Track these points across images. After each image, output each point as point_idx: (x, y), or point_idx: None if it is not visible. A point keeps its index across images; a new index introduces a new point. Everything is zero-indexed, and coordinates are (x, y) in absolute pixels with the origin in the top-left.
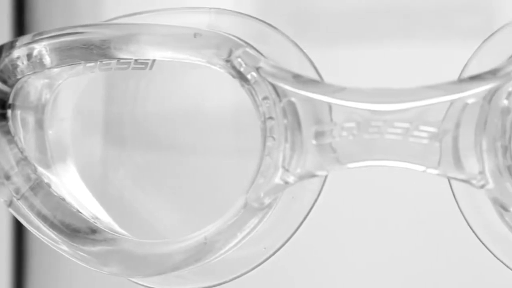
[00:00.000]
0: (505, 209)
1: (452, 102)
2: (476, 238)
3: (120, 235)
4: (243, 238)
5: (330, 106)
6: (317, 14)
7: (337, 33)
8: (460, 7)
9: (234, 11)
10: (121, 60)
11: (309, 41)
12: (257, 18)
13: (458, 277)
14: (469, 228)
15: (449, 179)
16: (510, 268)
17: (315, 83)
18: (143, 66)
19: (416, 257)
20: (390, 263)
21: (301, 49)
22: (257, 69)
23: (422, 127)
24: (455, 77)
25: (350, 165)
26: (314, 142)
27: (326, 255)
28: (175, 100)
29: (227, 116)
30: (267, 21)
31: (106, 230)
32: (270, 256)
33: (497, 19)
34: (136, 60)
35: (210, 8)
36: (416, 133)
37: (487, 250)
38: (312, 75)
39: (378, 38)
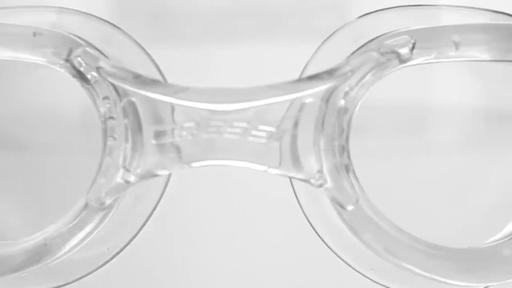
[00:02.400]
0: (343, 207)
1: (292, 102)
2: (317, 236)
3: None
4: (84, 238)
5: (172, 106)
6: (170, 14)
7: (192, 33)
8: (313, 8)
9: (79, 11)
10: None
11: (162, 42)
12: (101, 19)
13: (301, 275)
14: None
15: (290, 178)
16: (349, 265)
17: (156, 83)
18: None
19: (260, 255)
20: (234, 260)
21: (144, 50)
22: (97, 69)
23: (261, 127)
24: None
25: (193, 165)
26: (153, 141)
27: (170, 254)
28: (19, 100)
29: (73, 116)
30: (122, 21)
31: None
32: (113, 257)
33: (347, 19)
34: None
35: (54, 7)
36: (255, 132)
37: (329, 249)
38: (156, 75)
39: (230, 38)
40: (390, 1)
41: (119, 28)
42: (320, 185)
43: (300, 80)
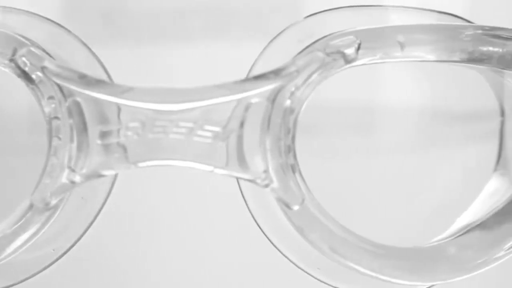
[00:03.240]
0: (289, 207)
1: (238, 102)
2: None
3: None
4: (29, 239)
5: (118, 106)
6: (120, 14)
7: (141, 33)
8: (264, 8)
9: (24, 11)
10: None
11: (112, 42)
12: (47, 18)
13: (248, 275)
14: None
15: (237, 179)
16: (296, 265)
17: (101, 83)
18: None
19: (207, 256)
20: (182, 261)
21: (91, 50)
22: (42, 69)
23: (207, 127)
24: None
25: (139, 165)
26: (99, 142)
27: (117, 255)
28: None
29: (18, 116)
30: (72, 21)
31: None
32: (59, 257)
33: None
34: None
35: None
36: (200, 132)
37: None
38: (102, 75)
39: (180, 38)
40: (340, 2)
41: (65, 28)
42: (266, 185)
43: (246, 80)
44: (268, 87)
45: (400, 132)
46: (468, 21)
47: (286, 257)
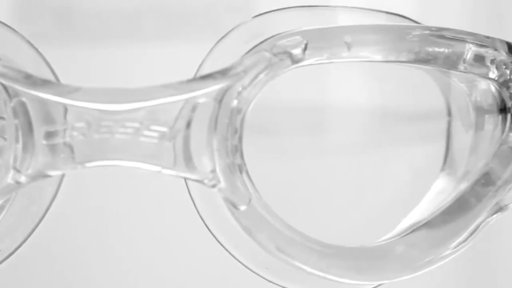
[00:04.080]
0: (236, 207)
1: (186, 102)
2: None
3: None
4: None
5: (65, 106)
6: (71, 14)
7: (91, 33)
8: (217, 8)
9: None
10: None
11: (62, 42)
12: None
13: (197, 275)
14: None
15: (185, 179)
16: (244, 265)
17: (47, 83)
18: None
19: (155, 255)
20: (130, 260)
21: (37, 50)
22: None
23: (153, 127)
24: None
25: (86, 165)
26: (44, 142)
27: (64, 255)
28: None
29: None
30: (22, 21)
31: None
32: (5, 259)
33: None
34: None
35: None
36: (147, 133)
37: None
38: (48, 75)
39: (130, 38)
40: (292, 2)
41: (11, 28)
42: (214, 186)
43: (193, 80)
44: (215, 87)
45: (348, 132)
46: (416, 22)
47: (234, 257)
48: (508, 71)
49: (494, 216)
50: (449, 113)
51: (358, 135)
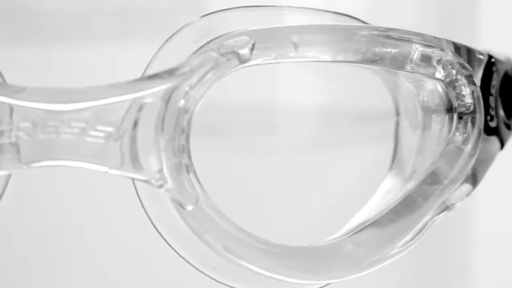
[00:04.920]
0: (183, 207)
1: (132, 102)
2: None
3: None
4: None
5: (11, 106)
6: (21, 14)
7: (41, 33)
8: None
9: None
10: None
11: (13, 42)
12: None
13: (144, 275)
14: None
15: (132, 179)
16: (192, 265)
17: None
18: None
19: (102, 256)
20: (78, 262)
21: None
22: None
23: (99, 127)
24: None
25: (32, 165)
26: None
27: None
28: None
29: None
30: None
31: None
32: None
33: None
34: None
35: None
36: (93, 133)
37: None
38: None
39: (83, 38)
40: (243, 2)
41: None
42: (161, 186)
43: (139, 79)
44: (162, 87)
45: (296, 131)
46: (365, 22)
47: (182, 257)
48: (454, 71)
49: (441, 215)
50: (397, 113)
51: (306, 134)
